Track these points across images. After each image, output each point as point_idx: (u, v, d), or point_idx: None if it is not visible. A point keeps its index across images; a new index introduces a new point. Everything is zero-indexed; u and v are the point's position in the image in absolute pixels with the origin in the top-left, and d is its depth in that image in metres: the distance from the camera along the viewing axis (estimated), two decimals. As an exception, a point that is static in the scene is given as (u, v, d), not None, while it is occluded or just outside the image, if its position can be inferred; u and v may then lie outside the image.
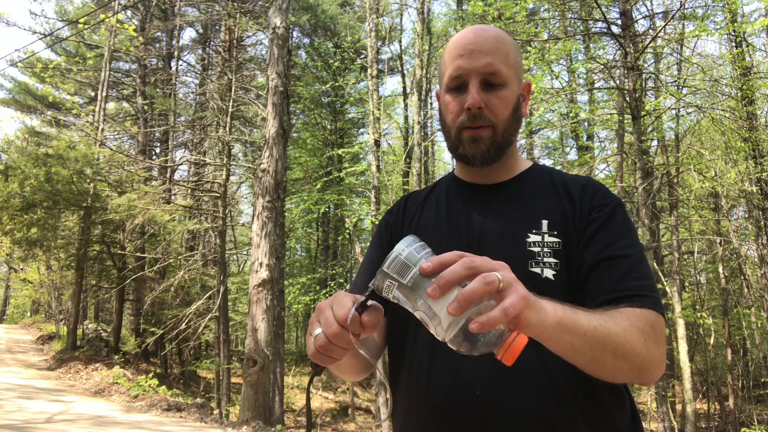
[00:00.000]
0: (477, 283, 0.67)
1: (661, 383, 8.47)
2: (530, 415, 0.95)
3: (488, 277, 0.68)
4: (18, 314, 32.95)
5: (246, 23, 15.23)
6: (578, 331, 0.81)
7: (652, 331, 0.92)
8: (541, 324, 0.74)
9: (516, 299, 0.68)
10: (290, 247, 23.99)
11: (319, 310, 0.81)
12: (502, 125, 1.09)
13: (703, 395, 17.30)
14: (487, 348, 0.70)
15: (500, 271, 0.70)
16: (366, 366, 1.12)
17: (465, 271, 0.68)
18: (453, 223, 1.14)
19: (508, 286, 0.69)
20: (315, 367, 0.85)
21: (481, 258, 0.71)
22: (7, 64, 47.20)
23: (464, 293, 0.67)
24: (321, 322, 0.80)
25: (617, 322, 0.88)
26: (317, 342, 0.79)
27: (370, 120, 14.33)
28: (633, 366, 0.90)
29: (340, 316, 0.77)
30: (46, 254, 16.29)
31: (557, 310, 0.79)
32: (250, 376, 8.26)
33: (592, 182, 1.12)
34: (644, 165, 8.57)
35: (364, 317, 0.77)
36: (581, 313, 0.84)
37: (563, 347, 0.83)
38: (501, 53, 1.08)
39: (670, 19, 9.97)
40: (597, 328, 0.84)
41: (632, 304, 0.94)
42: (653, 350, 0.91)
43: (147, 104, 18.49)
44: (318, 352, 0.80)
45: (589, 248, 1.03)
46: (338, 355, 0.81)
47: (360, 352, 0.80)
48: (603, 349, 0.85)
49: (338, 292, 0.83)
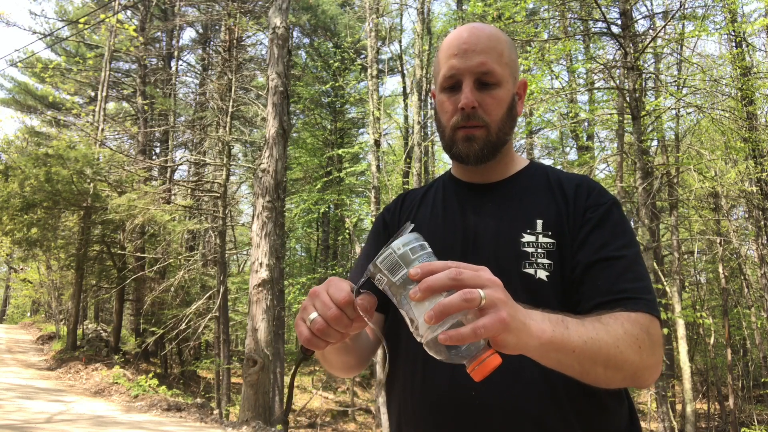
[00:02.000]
0: (456, 298, 0.67)
1: (661, 383, 8.47)
2: (525, 416, 0.95)
3: (469, 293, 0.67)
4: (18, 314, 32.96)
5: (246, 23, 15.23)
6: (566, 348, 0.80)
7: (647, 336, 0.91)
8: (522, 347, 0.74)
9: (491, 322, 0.67)
10: (290, 247, 23.99)
11: (313, 295, 0.79)
12: (496, 125, 1.08)
13: (703, 395, 17.31)
14: (461, 359, 0.70)
15: (488, 289, 0.69)
16: (357, 364, 1.11)
17: (449, 281, 0.68)
18: (449, 222, 1.14)
19: (491, 306, 0.68)
20: (305, 352, 0.83)
21: (473, 272, 0.70)
22: (7, 64, 47.18)
23: (441, 305, 0.66)
24: (317, 306, 0.78)
25: (610, 331, 0.87)
26: (314, 326, 0.77)
27: (370, 120, 14.33)
28: (626, 374, 0.89)
29: (338, 299, 0.76)
30: (46, 254, 16.29)
31: (545, 329, 0.77)
32: (250, 376, 8.26)
33: (587, 181, 1.11)
34: (644, 165, 8.56)
35: (359, 300, 0.76)
36: (573, 326, 0.82)
37: (550, 363, 0.82)
38: (495, 52, 1.07)
39: (670, 19, 9.97)
40: (587, 342, 0.82)
41: (627, 308, 0.93)
42: (647, 357, 0.90)
43: (147, 104, 18.50)
44: (313, 336, 0.78)
45: (583, 249, 1.02)
46: (334, 339, 0.79)
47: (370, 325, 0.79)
48: (593, 362, 0.84)
49: (332, 277, 0.81)
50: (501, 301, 0.70)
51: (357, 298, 0.76)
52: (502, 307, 0.69)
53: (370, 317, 0.77)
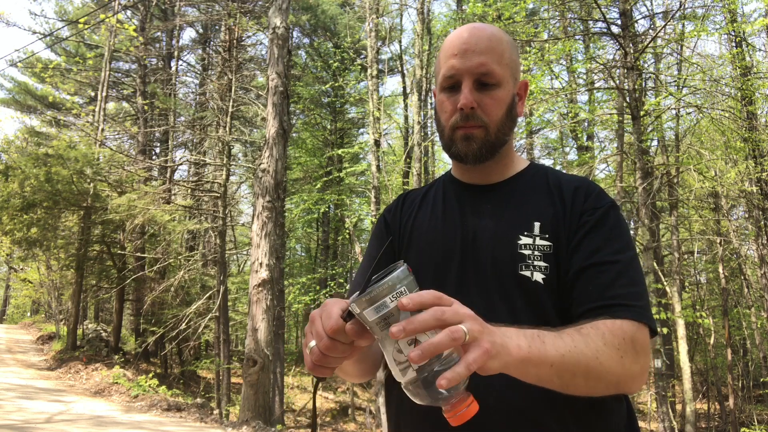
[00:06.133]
0: (443, 337, 0.67)
1: (661, 383, 8.47)
2: (523, 417, 0.96)
3: (455, 332, 0.68)
4: (18, 314, 32.96)
5: (246, 23, 15.23)
6: (544, 363, 0.81)
7: (631, 345, 0.90)
8: (503, 368, 0.75)
9: (479, 354, 0.69)
10: (290, 247, 23.99)
11: (311, 321, 0.80)
12: (495, 125, 1.08)
13: (703, 395, 17.30)
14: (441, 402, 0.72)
15: (466, 323, 0.70)
16: (372, 367, 1.12)
17: (434, 322, 0.69)
18: (448, 223, 1.14)
19: (473, 341, 0.70)
20: (317, 377, 0.84)
21: (451, 308, 0.71)
22: (7, 64, 47.20)
23: (429, 343, 0.67)
24: (313, 333, 0.79)
25: (589, 342, 0.87)
26: (312, 356, 0.78)
27: (370, 120, 14.33)
28: (609, 383, 0.89)
29: (328, 327, 0.76)
30: (46, 254, 16.30)
31: (521, 346, 0.78)
32: (250, 376, 8.26)
33: (586, 183, 1.11)
34: (644, 165, 8.57)
35: (348, 327, 0.74)
36: (549, 340, 0.83)
37: (529, 378, 0.83)
38: (495, 53, 1.07)
39: (669, 19, 9.97)
40: (564, 357, 0.83)
41: (614, 315, 0.93)
42: (631, 365, 0.90)
43: (147, 104, 18.50)
44: (315, 365, 0.79)
45: (577, 253, 1.02)
46: (336, 364, 0.80)
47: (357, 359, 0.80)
48: (573, 375, 0.84)
49: (327, 300, 0.81)
50: (480, 333, 0.71)
51: (348, 323, 0.75)
52: (482, 337, 0.71)
53: (363, 341, 0.76)
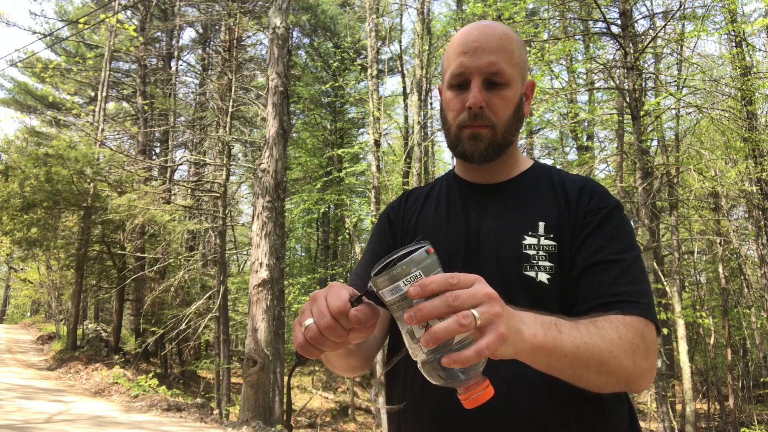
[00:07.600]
0: (451, 323, 0.65)
1: (661, 383, 8.47)
2: (525, 418, 0.95)
3: (464, 318, 0.65)
4: (18, 314, 32.96)
5: (246, 23, 15.23)
6: (558, 352, 0.79)
7: (642, 341, 0.90)
8: (515, 354, 0.74)
9: (492, 340, 0.66)
10: (290, 247, 23.99)
11: (313, 299, 0.77)
12: (502, 125, 1.07)
13: (703, 395, 17.30)
14: (456, 384, 0.70)
15: (484, 305, 0.67)
16: (362, 365, 1.10)
17: (445, 308, 0.66)
18: (452, 221, 1.13)
19: (488, 324, 0.67)
20: (299, 357, 0.80)
21: (468, 293, 0.67)
22: (7, 64, 47.19)
23: (437, 330, 0.65)
24: (313, 312, 0.75)
25: (604, 335, 0.86)
26: (308, 333, 0.74)
27: (370, 120, 14.33)
28: (619, 379, 0.89)
29: (334, 308, 0.72)
30: (46, 254, 16.30)
31: (538, 333, 0.76)
32: (250, 376, 8.26)
33: (590, 184, 1.10)
34: (644, 165, 8.57)
35: (353, 312, 0.72)
36: (566, 330, 0.81)
37: (541, 366, 0.81)
38: (505, 52, 1.06)
39: (669, 19, 9.97)
40: (579, 347, 0.81)
41: (623, 311, 0.92)
42: (641, 362, 0.89)
43: (147, 104, 18.50)
44: (307, 344, 0.75)
45: (581, 252, 1.02)
46: (328, 348, 0.76)
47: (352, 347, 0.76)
48: (586, 367, 0.83)
49: (334, 283, 0.78)
50: (497, 316, 0.68)
51: (354, 308, 0.72)
52: (499, 322, 0.69)
53: (366, 329, 0.74)
